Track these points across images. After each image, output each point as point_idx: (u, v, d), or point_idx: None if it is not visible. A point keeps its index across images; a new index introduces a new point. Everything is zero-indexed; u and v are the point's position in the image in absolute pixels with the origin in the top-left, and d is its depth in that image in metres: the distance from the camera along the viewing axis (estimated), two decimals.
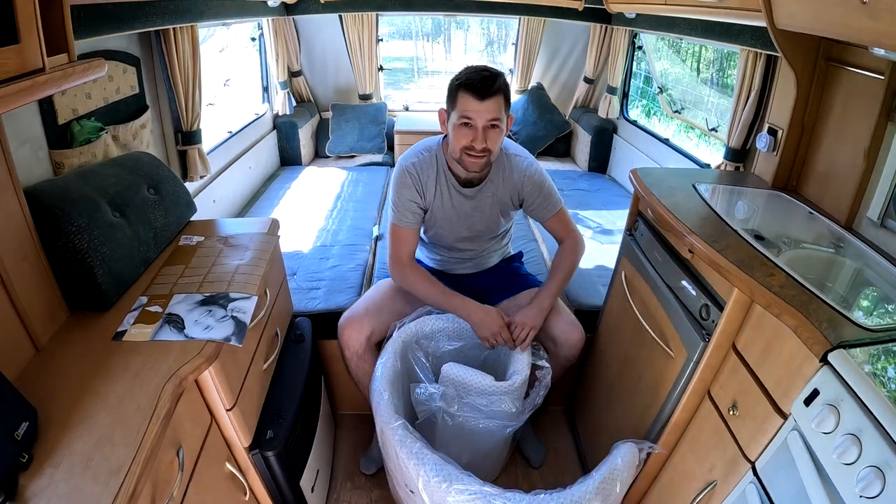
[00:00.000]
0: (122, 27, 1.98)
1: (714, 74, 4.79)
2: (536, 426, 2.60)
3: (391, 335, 2.02)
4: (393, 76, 6.70)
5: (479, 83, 1.79)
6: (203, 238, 1.85)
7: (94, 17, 1.80)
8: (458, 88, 1.84)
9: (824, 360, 1.15)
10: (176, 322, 1.40)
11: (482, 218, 2.12)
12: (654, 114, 5.58)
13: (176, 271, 1.66)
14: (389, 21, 6.10)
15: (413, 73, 7.05)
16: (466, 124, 1.84)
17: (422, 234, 2.26)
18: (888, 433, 0.96)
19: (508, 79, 2.04)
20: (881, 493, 0.93)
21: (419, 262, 2.35)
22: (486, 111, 1.81)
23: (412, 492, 1.68)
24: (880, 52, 1.55)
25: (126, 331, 1.39)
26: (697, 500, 1.53)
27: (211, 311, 1.46)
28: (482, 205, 2.08)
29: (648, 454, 1.70)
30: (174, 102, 2.58)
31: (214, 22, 2.87)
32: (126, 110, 2.21)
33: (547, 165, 4.80)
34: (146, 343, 1.34)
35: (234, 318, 1.44)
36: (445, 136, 1.99)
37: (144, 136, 2.26)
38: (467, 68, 1.86)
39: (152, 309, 1.47)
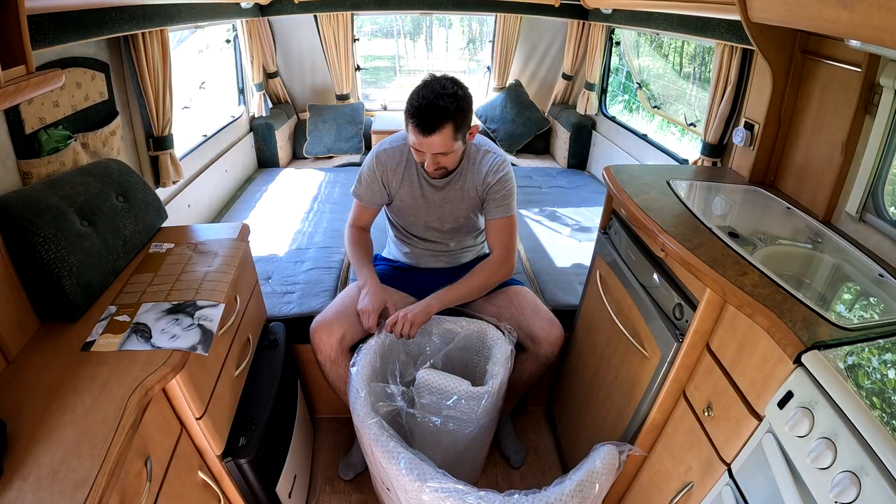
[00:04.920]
0: (88, 34, 1.95)
1: (696, 69, 4.82)
2: (516, 426, 2.61)
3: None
4: (375, 75, 6.68)
5: (422, 120, 1.78)
6: (173, 245, 1.85)
7: (57, 24, 1.78)
8: (407, 115, 1.83)
9: (798, 362, 1.15)
10: (143, 331, 1.40)
11: (451, 210, 2.12)
12: (637, 109, 5.60)
13: (145, 279, 1.65)
14: (372, 20, 6.08)
15: (395, 72, 7.03)
16: (418, 150, 1.87)
17: (395, 221, 2.28)
18: (863, 437, 0.95)
19: (486, 77, 2.03)
20: (856, 499, 0.93)
21: (391, 261, 2.39)
22: (431, 145, 1.82)
23: (388, 489, 1.69)
24: (856, 44, 1.55)
25: (94, 341, 1.38)
26: (675, 501, 1.54)
27: (178, 319, 1.46)
28: (451, 196, 2.09)
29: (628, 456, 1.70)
30: (145, 108, 2.55)
31: (185, 25, 2.84)
32: (95, 117, 2.18)
33: (526, 163, 4.84)
34: (114, 353, 1.34)
35: (200, 326, 1.44)
36: None
37: (115, 142, 2.24)
38: (420, 91, 1.81)
39: (120, 318, 1.46)
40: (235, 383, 1.73)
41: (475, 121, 1.91)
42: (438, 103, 1.77)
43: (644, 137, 3.89)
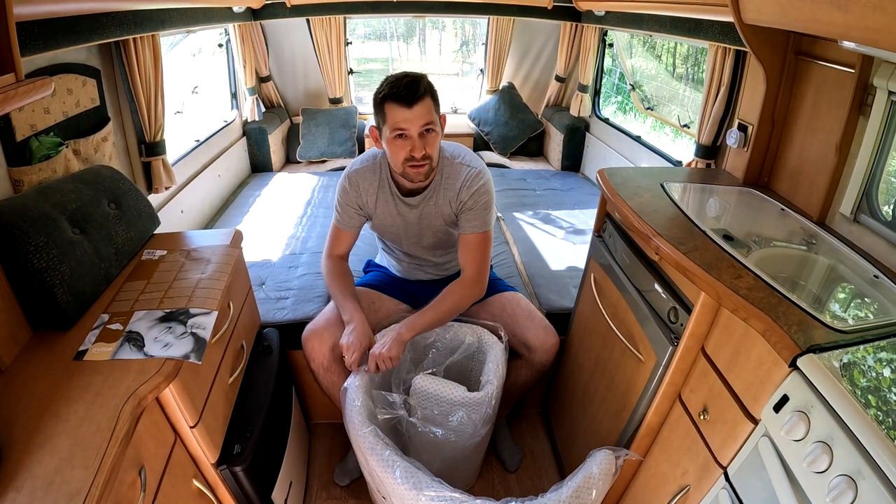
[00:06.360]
0: (78, 40, 1.94)
1: (689, 69, 4.82)
2: (513, 429, 2.61)
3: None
4: (368, 77, 6.67)
5: (403, 90, 1.74)
6: (166, 252, 1.83)
7: (48, 30, 1.76)
8: (383, 101, 1.78)
9: (793, 366, 1.14)
10: (136, 340, 1.39)
11: (429, 226, 2.06)
12: (630, 110, 5.61)
13: (138, 287, 1.64)
14: (365, 22, 6.07)
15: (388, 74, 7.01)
16: (401, 136, 1.79)
17: (380, 238, 2.26)
18: (860, 441, 0.95)
19: (479, 79, 2.00)
20: (853, 503, 0.92)
21: (383, 268, 2.37)
22: (417, 118, 1.76)
23: (384, 498, 1.68)
24: (850, 45, 1.54)
25: (87, 350, 1.37)
26: None
27: (171, 327, 1.45)
28: (427, 214, 2.02)
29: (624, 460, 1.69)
30: (137, 114, 2.54)
31: (177, 30, 2.83)
32: (87, 123, 2.16)
33: (519, 165, 4.84)
34: (106, 362, 1.33)
35: (193, 334, 1.43)
36: None
37: (106, 149, 2.22)
38: (387, 79, 1.79)
39: (113, 327, 1.45)
40: (229, 391, 1.72)
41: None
42: (411, 75, 1.78)
43: (638, 139, 3.90)
